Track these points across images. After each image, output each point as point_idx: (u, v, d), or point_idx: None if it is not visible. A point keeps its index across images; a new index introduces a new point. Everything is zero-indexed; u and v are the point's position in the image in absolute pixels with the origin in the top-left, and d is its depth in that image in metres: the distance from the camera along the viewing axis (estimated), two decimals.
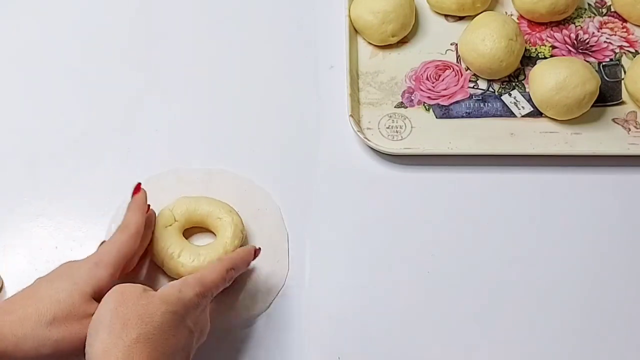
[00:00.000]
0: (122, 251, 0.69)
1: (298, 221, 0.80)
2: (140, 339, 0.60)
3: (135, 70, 0.89)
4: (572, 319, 0.76)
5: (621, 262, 0.79)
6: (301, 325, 0.74)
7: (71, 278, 0.66)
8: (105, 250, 0.69)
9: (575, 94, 0.82)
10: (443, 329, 0.75)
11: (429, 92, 0.87)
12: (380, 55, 0.90)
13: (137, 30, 0.92)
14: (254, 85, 0.89)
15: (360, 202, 0.81)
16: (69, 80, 0.88)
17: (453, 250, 0.79)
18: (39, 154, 0.83)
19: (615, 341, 0.75)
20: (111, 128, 0.85)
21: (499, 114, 0.86)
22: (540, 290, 0.77)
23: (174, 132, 0.85)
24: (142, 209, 0.73)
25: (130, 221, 0.72)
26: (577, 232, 0.80)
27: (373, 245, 0.79)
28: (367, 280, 0.77)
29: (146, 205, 0.74)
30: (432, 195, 0.82)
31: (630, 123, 0.86)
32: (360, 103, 0.86)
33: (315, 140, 0.85)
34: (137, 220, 0.72)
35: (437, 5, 0.92)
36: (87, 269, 0.67)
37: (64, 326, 0.63)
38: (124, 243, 0.70)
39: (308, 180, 0.82)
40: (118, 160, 0.83)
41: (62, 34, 0.92)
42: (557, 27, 0.92)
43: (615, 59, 0.90)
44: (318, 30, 0.92)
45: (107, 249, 0.69)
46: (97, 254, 0.69)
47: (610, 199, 0.82)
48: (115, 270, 0.68)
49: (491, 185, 0.82)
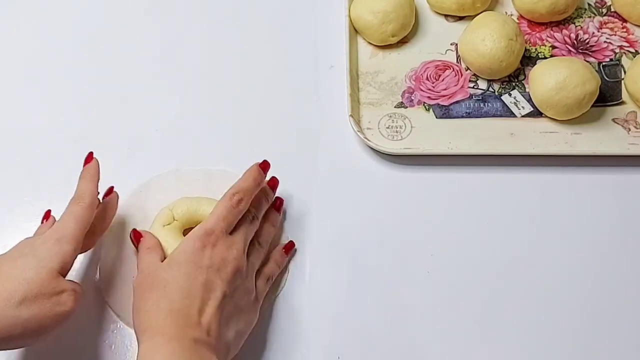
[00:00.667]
0: (80, 223, 0.69)
1: (298, 221, 0.80)
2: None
3: (136, 70, 0.89)
4: (572, 318, 0.76)
5: (621, 262, 0.79)
6: (301, 325, 0.74)
7: (35, 256, 0.65)
8: (64, 225, 0.68)
9: (575, 94, 0.82)
10: (443, 329, 0.75)
11: (429, 92, 0.87)
12: (380, 55, 0.90)
13: (137, 31, 0.92)
14: (254, 85, 0.89)
15: (360, 202, 0.81)
16: (69, 80, 0.88)
17: (453, 250, 0.79)
18: (39, 154, 0.83)
19: (615, 341, 0.75)
20: (111, 128, 0.85)
21: (499, 114, 0.86)
22: (540, 290, 0.77)
23: (174, 132, 0.85)
24: (94, 178, 0.73)
25: (84, 191, 0.72)
26: (577, 232, 0.80)
27: (373, 245, 0.79)
28: (367, 280, 0.77)
29: (98, 174, 0.74)
30: (432, 195, 0.82)
31: (630, 123, 0.86)
32: (360, 103, 0.86)
33: (315, 140, 0.85)
34: (91, 190, 0.72)
35: (437, 5, 0.92)
36: (51, 245, 0.66)
37: (34, 305, 0.63)
38: (80, 215, 0.69)
39: (308, 180, 0.82)
40: (118, 160, 0.83)
41: (62, 34, 0.92)
42: (557, 27, 0.92)
43: (615, 59, 0.90)
44: (318, 30, 0.92)
45: (65, 223, 0.68)
46: (57, 229, 0.68)
47: (610, 199, 0.82)
48: (77, 244, 0.68)
49: (491, 185, 0.82)
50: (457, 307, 0.76)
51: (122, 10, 0.93)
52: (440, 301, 0.76)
